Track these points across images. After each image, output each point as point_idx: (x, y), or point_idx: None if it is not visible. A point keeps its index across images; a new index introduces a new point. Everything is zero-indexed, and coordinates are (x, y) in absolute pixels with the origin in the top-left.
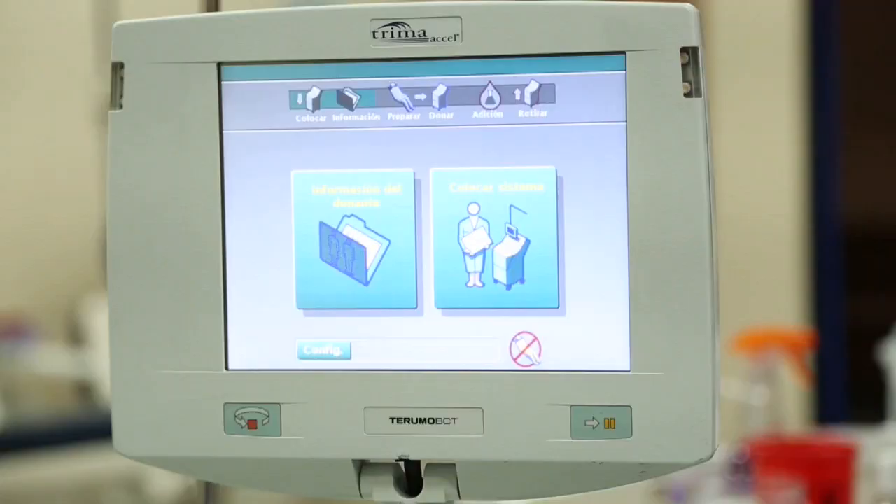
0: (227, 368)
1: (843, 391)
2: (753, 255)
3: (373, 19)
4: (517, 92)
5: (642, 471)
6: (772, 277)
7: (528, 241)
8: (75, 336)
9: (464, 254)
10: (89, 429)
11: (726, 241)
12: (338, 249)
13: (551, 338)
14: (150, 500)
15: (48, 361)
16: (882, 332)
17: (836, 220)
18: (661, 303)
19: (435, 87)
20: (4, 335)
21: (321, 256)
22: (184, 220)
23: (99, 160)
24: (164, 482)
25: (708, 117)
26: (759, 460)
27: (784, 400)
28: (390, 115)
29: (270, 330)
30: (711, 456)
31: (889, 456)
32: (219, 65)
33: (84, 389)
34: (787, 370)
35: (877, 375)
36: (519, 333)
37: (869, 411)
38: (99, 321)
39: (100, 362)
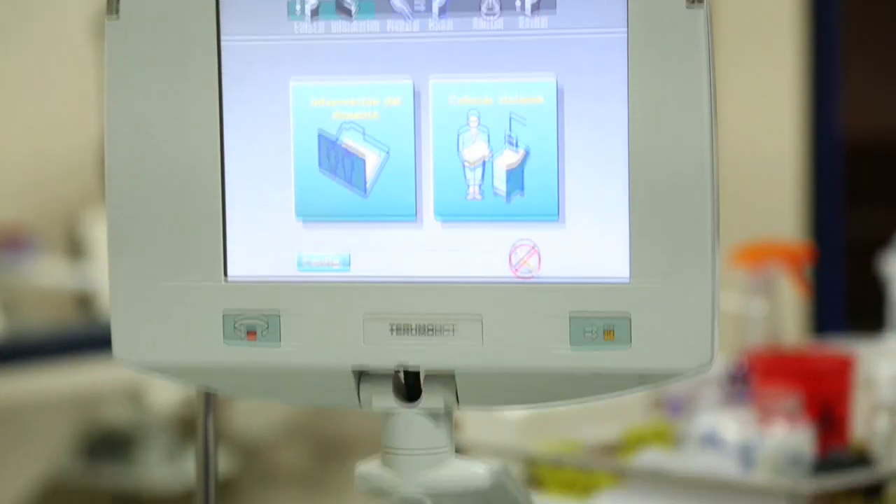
0: (226, 278)
1: (842, 303)
2: (754, 169)
3: None
4: (517, 1)
5: (641, 380)
6: (772, 191)
7: (527, 152)
8: (75, 248)
9: (463, 165)
10: (89, 340)
11: (727, 154)
12: (337, 160)
13: (551, 248)
14: (150, 412)
15: (48, 273)
16: (881, 246)
17: (837, 133)
18: (661, 213)
19: None
20: (4, 247)
21: (320, 167)
22: (182, 130)
23: (98, 74)
24: (164, 394)
25: (710, 29)
26: (756, 372)
27: (782, 312)
28: (389, 25)
29: (269, 240)
30: (710, 365)
31: (887, 366)
32: None
33: (84, 301)
34: (785, 283)
35: (875, 288)
36: (518, 244)
37: (867, 323)
38: (98, 234)
39: (99, 274)
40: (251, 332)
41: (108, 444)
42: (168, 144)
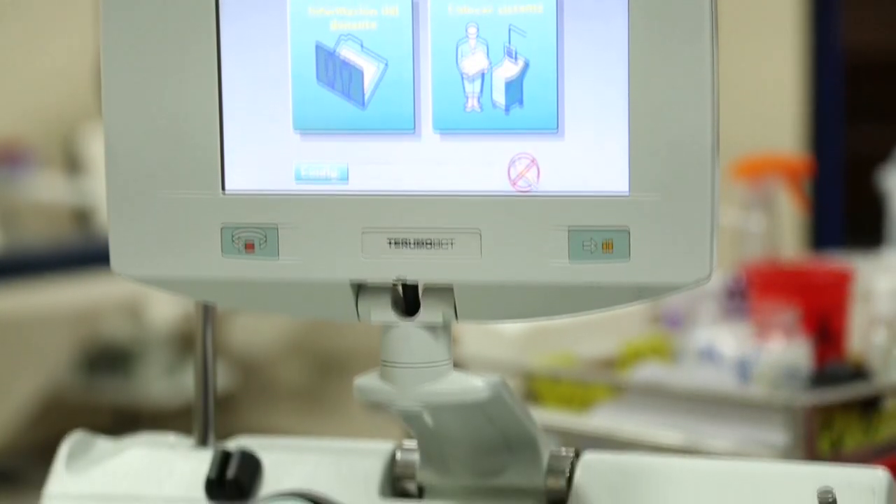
0: (223, 191)
1: (840, 218)
2: (755, 83)
3: None
4: None
5: (639, 293)
6: (772, 105)
7: (527, 63)
8: (72, 164)
9: (462, 76)
10: (88, 255)
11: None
12: (335, 71)
13: (550, 161)
14: (149, 327)
15: (46, 188)
16: (880, 161)
17: (837, 48)
18: (660, 126)
19: None
20: (2, 162)
21: (318, 78)
22: (179, 40)
23: None
24: (163, 309)
25: None
26: (755, 286)
27: (781, 226)
28: None
29: (267, 152)
30: (709, 278)
31: (885, 280)
32: None
33: (82, 217)
34: (784, 197)
35: (874, 204)
36: (517, 157)
37: (865, 238)
38: (96, 150)
39: (97, 190)
40: (249, 245)
41: (108, 359)
42: (165, 53)
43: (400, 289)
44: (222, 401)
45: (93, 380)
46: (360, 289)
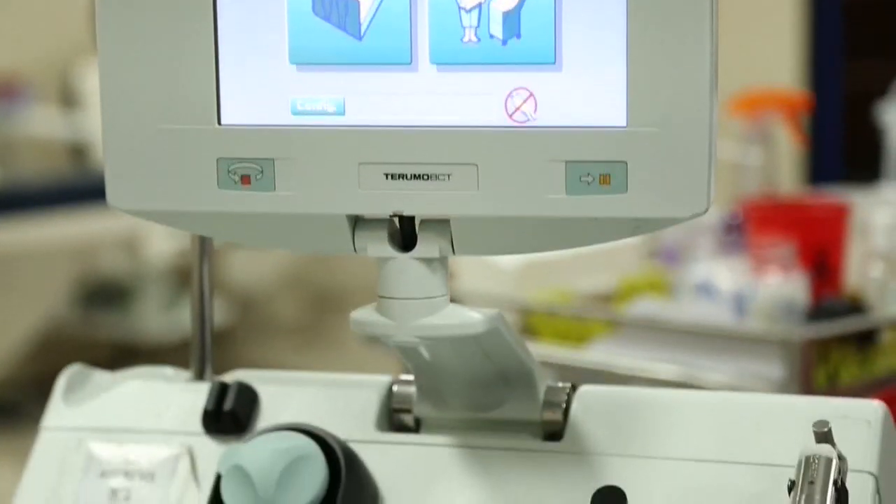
0: (219, 123)
1: (838, 153)
2: (754, 17)
3: None
4: None
5: (637, 226)
6: (771, 40)
7: None
8: (68, 99)
9: (459, 8)
10: (84, 190)
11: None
12: (331, 3)
13: (547, 94)
14: (146, 262)
15: (42, 123)
16: (878, 96)
17: None
18: (659, 58)
19: None
20: None
21: (314, 10)
22: None
23: None
24: (160, 244)
25: None
26: (752, 220)
27: (779, 161)
28: None
29: (263, 85)
30: (706, 211)
31: (882, 214)
32: None
33: (78, 152)
34: (782, 132)
35: (872, 139)
36: (514, 89)
37: (863, 173)
38: (91, 85)
39: (93, 125)
40: (245, 179)
41: (105, 294)
42: None
43: (397, 222)
44: (219, 336)
45: (90, 315)
46: (356, 222)
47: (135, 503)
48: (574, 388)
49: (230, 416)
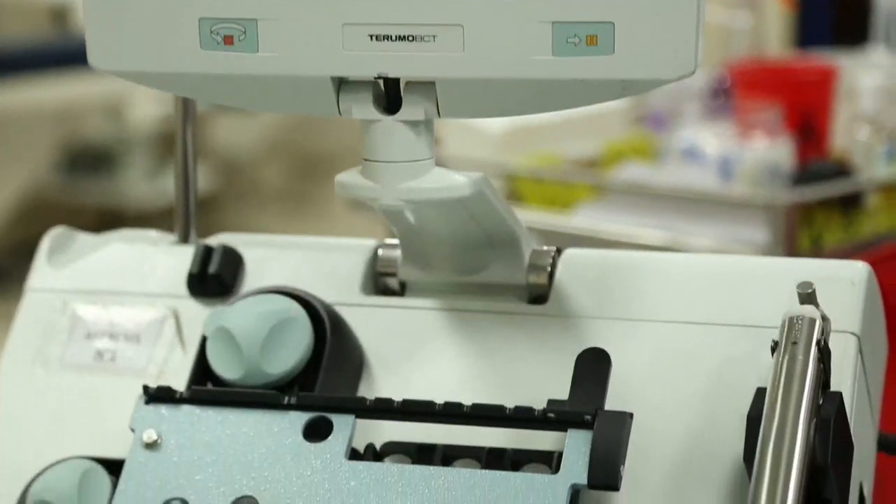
0: None
1: (827, 15)
2: None
3: None
4: None
5: (624, 88)
6: None
7: None
8: None
9: None
10: (67, 54)
11: None
12: None
13: None
14: (130, 127)
15: None
16: None
17: None
18: None
19: None
20: None
21: None
22: None
23: None
24: (144, 109)
25: None
26: (739, 84)
27: (767, 24)
28: None
29: None
30: (693, 72)
31: (869, 78)
32: None
33: (59, 15)
34: None
35: (860, 2)
36: None
37: (851, 37)
38: None
39: None
40: (228, 39)
41: (90, 160)
42: None
43: (381, 84)
44: (204, 202)
45: (75, 180)
46: (341, 84)
47: (120, 364)
48: (559, 251)
49: (215, 278)
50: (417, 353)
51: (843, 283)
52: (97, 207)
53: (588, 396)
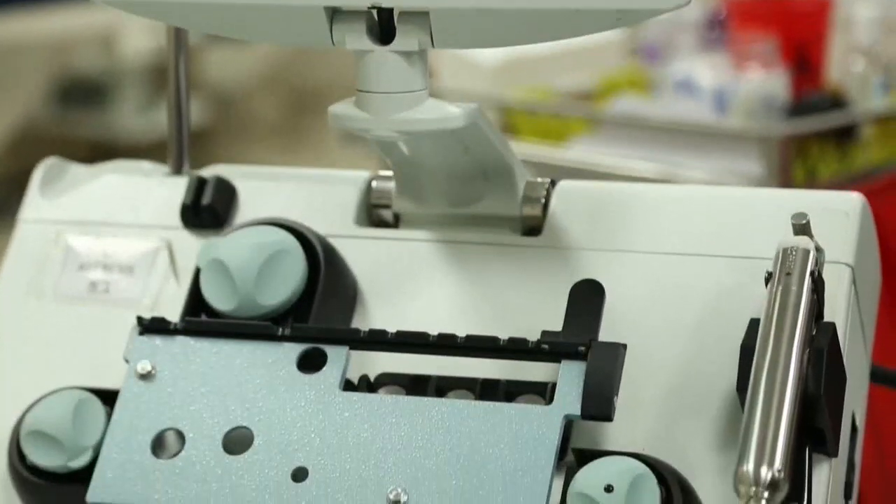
0: None
1: None
2: None
3: None
4: None
5: (619, 17)
6: None
7: None
8: None
9: None
10: None
11: None
12: None
13: None
14: (122, 60)
15: None
16: None
17: None
18: None
19: None
20: None
21: None
22: None
23: None
24: (137, 41)
25: None
26: (734, 16)
27: None
28: None
29: None
30: (689, 2)
31: (864, 8)
32: None
33: None
34: None
35: None
36: None
37: None
38: None
39: None
40: None
41: (82, 92)
42: None
43: (375, 14)
44: (197, 136)
45: (67, 112)
46: (334, 14)
47: (114, 296)
48: (553, 183)
49: (209, 210)
50: (411, 284)
51: (838, 214)
52: (90, 140)
53: (582, 328)
